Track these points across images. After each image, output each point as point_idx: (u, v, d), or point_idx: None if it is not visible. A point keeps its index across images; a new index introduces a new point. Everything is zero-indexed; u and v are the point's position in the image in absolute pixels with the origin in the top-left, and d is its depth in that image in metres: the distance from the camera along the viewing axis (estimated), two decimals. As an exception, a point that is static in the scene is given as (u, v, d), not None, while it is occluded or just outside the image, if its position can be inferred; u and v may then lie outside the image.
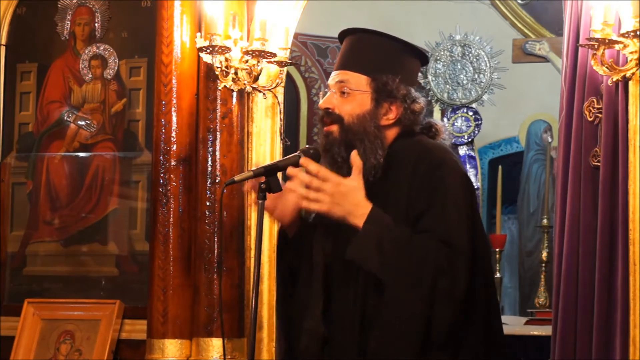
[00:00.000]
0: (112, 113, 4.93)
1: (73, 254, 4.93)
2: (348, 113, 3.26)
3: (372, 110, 3.26)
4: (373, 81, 3.27)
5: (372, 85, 3.27)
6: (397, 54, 3.33)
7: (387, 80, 3.26)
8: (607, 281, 3.94)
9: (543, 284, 7.39)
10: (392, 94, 3.26)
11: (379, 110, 3.27)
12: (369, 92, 3.27)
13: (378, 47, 3.33)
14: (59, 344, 4.79)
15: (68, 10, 5.03)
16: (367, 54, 3.32)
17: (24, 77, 5.12)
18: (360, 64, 3.30)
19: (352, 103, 3.27)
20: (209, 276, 4.45)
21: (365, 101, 3.27)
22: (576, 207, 4.08)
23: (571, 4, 4.22)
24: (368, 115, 3.26)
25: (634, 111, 3.88)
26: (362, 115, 3.25)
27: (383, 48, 3.33)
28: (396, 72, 3.28)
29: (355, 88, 3.27)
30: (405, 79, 3.29)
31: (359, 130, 3.25)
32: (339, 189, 3.07)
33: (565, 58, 4.25)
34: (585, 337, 4.00)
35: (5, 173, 5.09)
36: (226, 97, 4.53)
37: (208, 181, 4.51)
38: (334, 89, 3.30)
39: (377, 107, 3.26)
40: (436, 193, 3.14)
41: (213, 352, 4.43)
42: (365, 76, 3.27)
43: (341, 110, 3.27)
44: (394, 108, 3.27)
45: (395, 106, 3.27)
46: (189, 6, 4.58)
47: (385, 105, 3.27)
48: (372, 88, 3.27)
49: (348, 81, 3.28)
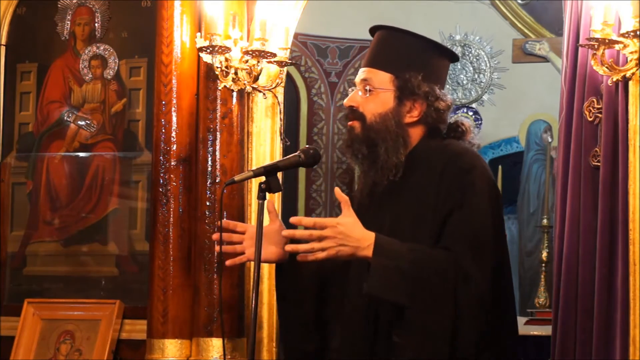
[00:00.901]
0: (112, 113, 4.93)
1: (73, 254, 4.93)
2: (371, 111, 3.27)
3: (394, 108, 3.27)
4: (396, 79, 3.27)
5: (395, 83, 3.27)
6: (422, 51, 3.33)
7: (409, 77, 3.26)
8: (607, 281, 3.94)
9: (543, 284, 7.39)
10: (414, 91, 3.26)
11: (402, 108, 3.27)
12: (392, 89, 3.27)
13: (403, 45, 3.33)
14: (59, 344, 4.79)
15: (68, 10, 5.03)
16: (392, 51, 3.32)
17: (24, 77, 5.12)
18: (384, 61, 3.30)
19: (375, 101, 3.27)
20: (209, 276, 4.45)
21: (388, 99, 3.27)
22: (576, 207, 4.08)
23: (571, 4, 4.22)
24: (391, 113, 3.26)
25: (634, 111, 3.88)
26: (384, 114, 3.26)
27: (408, 46, 3.33)
28: (419, 70, 3.27)
29: (378, 86, 3.27)
30: (428, 76, 3.28)
31: (380, 128, 3.25)
32: (339, 229, 3.06)
33: (565, 58, 4.25)
34: (585, 337, 3.99)
35: (5, 173, 5.09)
36: (226, 97, 4.53)
37: (208, 181, 4.51)
38: (359, 86, 3.31)
39: (400, 104, 3.27)
40: (465, 196, 3.13)
41: (213, 352, 4.43)
42: (389, 74, 3.28)
43: (364, 109, 3.28)
44: (417, 105, 3.27)
45: (419, 104, 3.27)
46: (189, 6, 4.58)
47: (408, 103, 3.27)
48: (395, 86, 3.27)
49: (371, 79, 3.28)
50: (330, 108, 8.66)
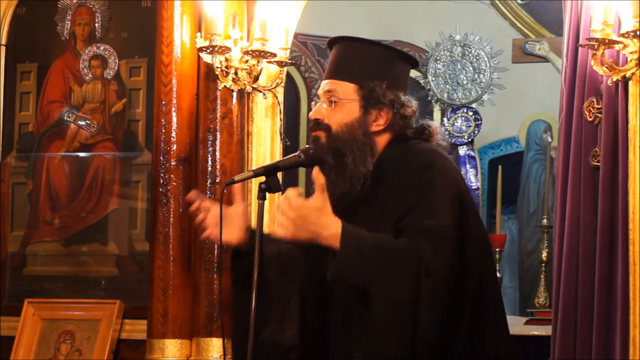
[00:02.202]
0: (112, 113, 4.93)
1: (73, 254, 4.93)
2: (336, 122, 3.26)
3: (360, 117, 3.26)
4: (360, 89, 3.26)
5: (359, 93, 3.27)
6: (384, 60, 3.33)
7: (374, 86, 3.26)
8: (607, 281, 3.95)
9: (543, 284, 7.39)
10: (379, 100, 3.26)
11: (368, 117, 3.26)
12: (357, 99, 3.26)
13: (364, 55, 3.33)
14: (59, 344, 4.79)
15: (68, 10, 5.03)
16: (354, 62, 3.32)
17: (24, 77, 5.12)
18: (347, 72, 3.30)
19: (341, 112, 3.27)
20: (209, 276, 4.45)
21: (354, 109, 3.26)
22: (576, 207, 4.08)
23: (571, 4, 4.22)
24: (357, 122, 3.25)
25: (634, 111, 3.88)
26: (350, 124, 3.25)
27: (369, 55, 3.33)
28: (383, 78, 3.27)
29: (343, 97, 3.27)
30: (392, 84, 3.29)
31: (347, 138, 3.24)
32: (300, 212, 2.99)
33: (565, 58, 4.25)
34: (585, 337, 4.00)
35: (5, 173, 5.09)
36: (226, 97, 4.53)
37: (208, 181, 4.51)
38: (323, 98, 3.30)
39: (365, 114, 3.26)
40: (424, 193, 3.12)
41: (213, 352, 4.43)
42: (353, 84, 3.27)
43: (330, 120, 3.27)
44: (383, 114, 3.27)
45: (385, 112, 3.27)
46: (189, 6, 4.58)
47: (374, 112, 3.27)
48: (359, 95, 3.27)
49: (336, 90, 3.28)
50: (330, 108, 8.64)
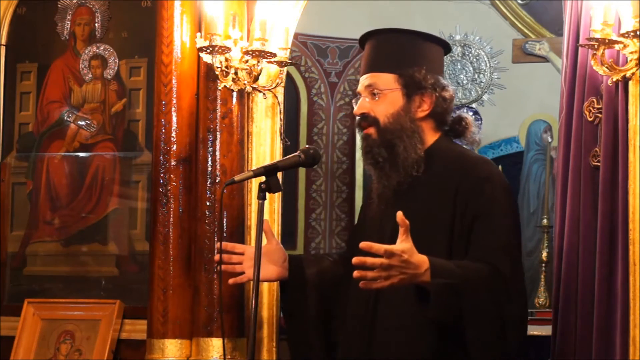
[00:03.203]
0: (112, 113, 4.93)
1: (73, 254, 4.93)
2: (383, 113, 3.29)
3: (405, 105, 3.29)
4: (400, 77, 3.29)
5: (400, 81, 3.29)
6: (418, 45, 3.36)
7: (413, 72, 3.28)
8: (607, 281, 3.94)
9: (543, 284, 7.39)
10: (421, 85, 3.28)
11: (412, 104, 3.30)
12: (398, 88, 3.29)
13: (398, 44, 3.35)
14: (59, 344, 4.79)
15: (68, 10, 5.03)
16: (389, 52, 3.34)
17: (24, 77, 5.12)
18: (384, 63, 3.32)
19: (385, 103, 3.29)
20: (209, 276, 4.45)
21: (397, 98, 3.29)
22: (576, 207, 4.08)
23: (571, 4, 4.22)
24: (402, 111, 3.28)
25: (634, 111, 3.88)
26: (396, 113, 3.28)
27: (403, 43, 3.35)
28: (420, 64, 3.30)
29: (384, 87, 3.29)
30: (430, 68, 3.32)
31: (396, 128, 3.27)
32: (403, 257, 3.02)
33: (565, 58, 4.25)
34: (585, 337, 3.99)
35: (5, 173, 5.09)
36: (226, 97, 4.53)
37: (208, 181, 4.51)
38: (364, 93, 3.32)
39: (409, 101, 3.29)
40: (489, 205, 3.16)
41: (213, 352, 4.43)
42: (392, 74, 3.29)
43: (376, 112, 3.30)
44: (426, 99, 3.30)
45: (427, 96, 3.30)
46: (189, 6, 4.58)
47: (417, 97, 3.30)
48: (400, 84, 3.29)
49: (376, 83, 3.30)
50: (330, 108, 8.65)
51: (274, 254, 3.43)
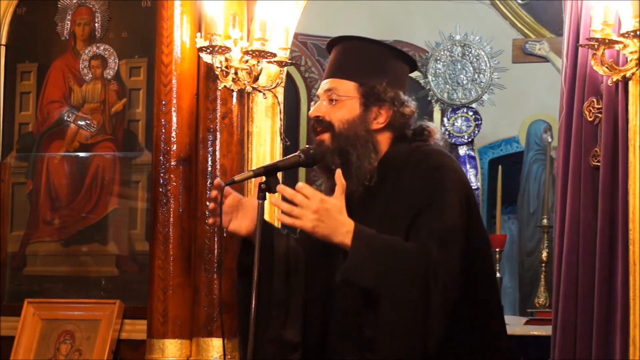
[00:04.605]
0: (112, 113, 4.93)
1: (73, 254, 4.93)
2: (338, 119, 3.26)
3: (361, 114, 3.26)
4: (361, 86, 3.27)
5: (360, 90, 3.27)
6: (383, 58, 3.34)
7: (374, 84, 3.26)
8: (607, 281, 3.95)
9: (543, 284, 7.39)
10: (380, 97, 3.26)
11: (369, 115, 3.27)
12: (357, 97, 3.27)
13: (364, 53, 3.33)
14: (59, 344, 4.79)
15: (68, 10, 5.03)
16: (354, 60, 3.32)
17: (24, 77, 5.12)
18: (347, 70, 3.30)
19: (342, 109, 3.27)
20: (209, 276, 4.46)
21: (354, 106, 3.27)
22: (576, 207, 4.08)
23: (571, 4, 4.22)
24: (358, 119, 3.26)
25: (634, 111, 3.88)
26: (352, 120, 3.25)
27: (369, 53, 3.33)
28: (383, 76, 3.28)
29: (343, 94, 3.27)
30: (392, 82, 3.29)
31: (350, 135, 3.24)
32: (323, 205, 3.00)
33: (565, 58, 4.25)
34: (585, 337, 4.00)
35: (5, 173, 5.09)
36: (226, 97, 4.53)
37: (208, 181, 4.51)
38: (323, 97, 3.30)
39: (366, 111, 3.27)
40: (435, 193, 3.13)
41: (213, 352, 4.43)
42: (353, 82, 3.27)
43: (331, 117, 3.27)
44: (383, 112, 3.27)
45: (385, 109, 3.27)
46: (189, 6, 4.58)
47: (375, 109, 3.27)
48: (360, 93, 3.27)
49: (336, 88, 3.28)
50: (330, 108, 8.64)
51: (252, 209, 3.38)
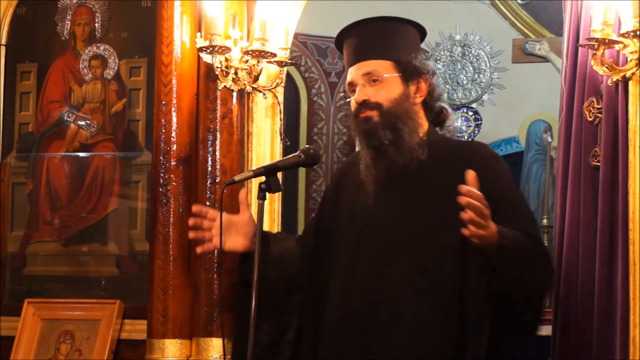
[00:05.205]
0: (112, 113, 4.93)
1: (73, 254, 4.93)
2: (385, 99, 3.29)
3: (405, 90, 3.30)
4: (397, 63, 3.31)
5: (397, 68, 3.30)
6: (404, 32, 3.42)
7: (409, 59, 3.30)
8: (607, 281, 3.94)
9: (543, 284, 7.38)
10: (417, 70, 3.30)
11: (410, 90, 3.31)
12: (397, 74, 3.30)
13: (386, 32, 3.38)
14: (59, 344, 4.79)
15: (68, 10, 5.03)
16: (380, 40, 3.35)
17: (24, 77, 5.12)
18: (378, 51, 3.33)
19: (385, 89, 3.30)
20: (209, 276, 4.45)
21: (396, 84, 3.30)
22: (576, 207, 4.08)
23: (571, 4, 4.22)
24: (404, 96, 3.30)
25: (634, 111, 3.88)
26: (399, 98, 3.29)
27: (390, 30, 3.37)
28: (411, 49, 3.34)
29: (385, 73, 3.29)
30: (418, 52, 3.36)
31: (400, 112, 3.28)
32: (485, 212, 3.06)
33: (565, 58, 4.25)
34: (585, 337, 3.99)
35: (5, 173, 5.09)
36: (226, 97, 4.53)
37: (208, 181, 4.51)
38: (362, 81, 3.31)
39: (407, 87, 3.30)
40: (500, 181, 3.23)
41: (213, 352, 4.43)
42: (389, 61, 3.30)
43: (377, 98, 3.29)
44: (422, 85, 3.33)
45: (422, 82, 3.32)
46: (189, 6, 4.58)
47: (414, 83, 3.31)
48: (398, 70, 3.30)
49: (375, 70, 3.31)
50: (330, 108, 8.65)
51: (245, 226, 3.41)
